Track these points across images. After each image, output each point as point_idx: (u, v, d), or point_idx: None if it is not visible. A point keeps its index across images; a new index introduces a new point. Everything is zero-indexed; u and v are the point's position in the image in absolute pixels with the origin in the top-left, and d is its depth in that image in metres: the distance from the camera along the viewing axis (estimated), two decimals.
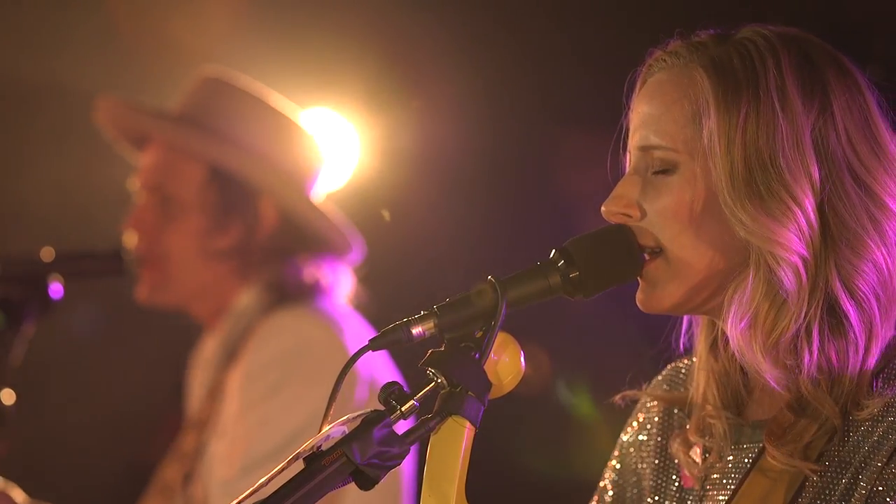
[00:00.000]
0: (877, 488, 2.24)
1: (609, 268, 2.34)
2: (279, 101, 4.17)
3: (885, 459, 2.25)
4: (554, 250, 2.33)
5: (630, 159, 2.40)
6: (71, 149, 5.27)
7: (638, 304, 2.38)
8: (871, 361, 2.30)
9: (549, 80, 5.00)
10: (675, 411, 2.53)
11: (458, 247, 5.03)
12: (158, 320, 5.01)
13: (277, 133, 4.11)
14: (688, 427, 2.46)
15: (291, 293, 4.02)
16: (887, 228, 2.32)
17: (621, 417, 2.65)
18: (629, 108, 2.43)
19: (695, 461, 2.44)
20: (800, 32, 2.39)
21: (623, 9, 4.79)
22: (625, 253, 2.35)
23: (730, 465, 2.41)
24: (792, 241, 2.28)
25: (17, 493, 3.68)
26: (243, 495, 2.09)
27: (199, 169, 4.08)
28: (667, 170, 2.35)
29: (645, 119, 2.37)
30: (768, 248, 2.28)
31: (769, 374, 2.31)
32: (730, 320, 2.33)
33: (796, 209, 2.28)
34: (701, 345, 2.47)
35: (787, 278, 2.28)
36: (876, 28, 4.15)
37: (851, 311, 2.28)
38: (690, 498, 2.45)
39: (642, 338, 2.57)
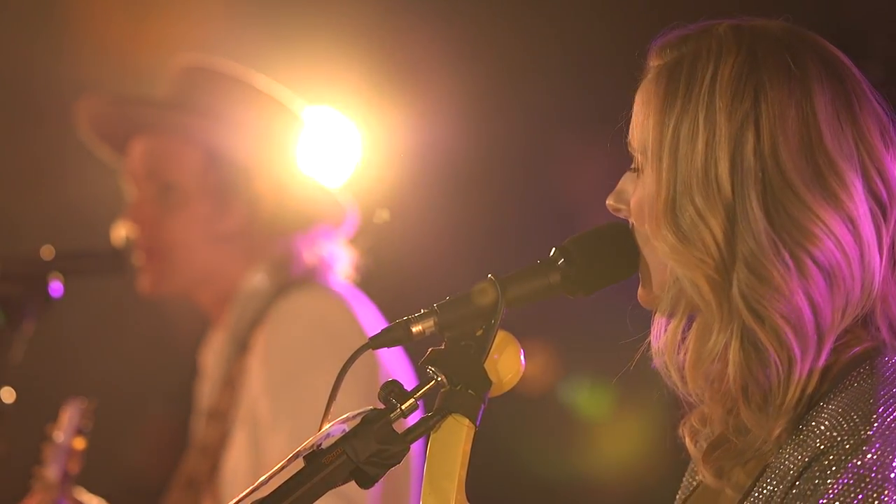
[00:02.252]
0: None
1: (609, 265, 2.33)
2: (259, 80, 4.16)
3: (789, 485, 2.17)
4: (554, 248, 2.33)
5: None
6: (70, 146, 5.28)
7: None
8: (798, 386, 2.19)
9: (549, 80, 5.01)
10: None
11: (458, 245, 5.03)
12: (161, 317, 5.02)
13: (264, 112, 4.10)
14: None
15: (299, 273, 4.02)
16: (799, 254, 2.17)
17: (620, 415, 2.65)
18: None
19: (693, 450, 2.43)
20: (766, 27, 2.27)
21: (623, 8, 4.79)
22: (624, 250, 2.34)
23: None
24: (696, 261, 2.21)
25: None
26: (243, 493, 2.10)
27: (196, 154, 4.07)
28: (638, 170, 2.32)
29: (632, 118, 2.35)
30: (678, 266, 2.23)
31: (690, 391, 2.27)
32: (651, 336, 2.31)
33: (703, 227, 2.20)
34: None
35: (698, 298, 2.22)
36: (875, 27, 4.15)
37: (763, 337, 2.18)
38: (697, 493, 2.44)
39: (644, 328, 2.56)
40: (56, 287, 3.83)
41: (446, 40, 5.03)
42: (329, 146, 4.68)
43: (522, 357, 2.27)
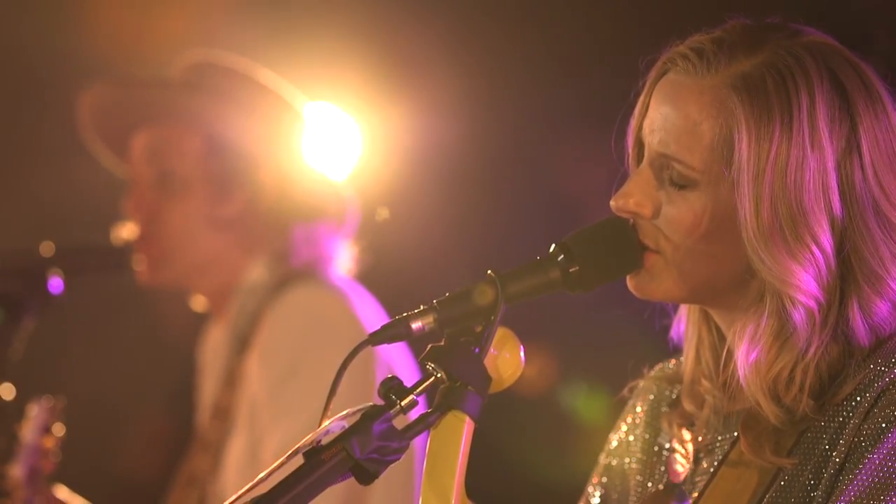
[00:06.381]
0: (855, 442, 2.25)
1: (608, 262, 2.33)
2: (263, 75, 4.15)
3: (861, 417, 2.26)
4: (553, 245, 2.33)
5: (646, 152, 2.37)
6: (72, 140, 5.29)
7: (629, 286, 2.38)
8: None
9: (549, 77, 5.00)
10: (663, 409, 2.53)
11: (458, 241, 5.03)
12: (160, 314, 5.02)
13: (267, 105, 4.09)
14: (683, 401, 2.46)
15: (299, 266, 4.01)
16: None
17: (619, 414, 2.65)
18: (644, 88, 2.39)
19: (687, 441, 2.44)
20: (828, 45, 2.34)
21: (624, 6, 4.79)
22: (624, 247, 2.34)
23: (716, 449, 2.42)
24: (810, 284, 2.26)
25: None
26: (242, 490, 2.09)
27: (197, 141, 4.06)
28: (685, 185, 2.32)
29: (665, 124, 2.33)
30: (786, 289, 2.27)
31: (767, 408, 2.31)
32: (741, 352, 2.32)
33: (817, 252, 2.26)
34: (694, 323, 2.47)
35: (801, 319, 2.27)
36: (876, 22, 4.15)
37: (861, 343, 2.29)
38: (677, 491, 2.45)
39: (644, 333, 2.56)
40: (56, 283, 3.83)
41: (447, 37, 5.03)
42: (330, 143, 4.68)
43: (522, 353, 2.27)
